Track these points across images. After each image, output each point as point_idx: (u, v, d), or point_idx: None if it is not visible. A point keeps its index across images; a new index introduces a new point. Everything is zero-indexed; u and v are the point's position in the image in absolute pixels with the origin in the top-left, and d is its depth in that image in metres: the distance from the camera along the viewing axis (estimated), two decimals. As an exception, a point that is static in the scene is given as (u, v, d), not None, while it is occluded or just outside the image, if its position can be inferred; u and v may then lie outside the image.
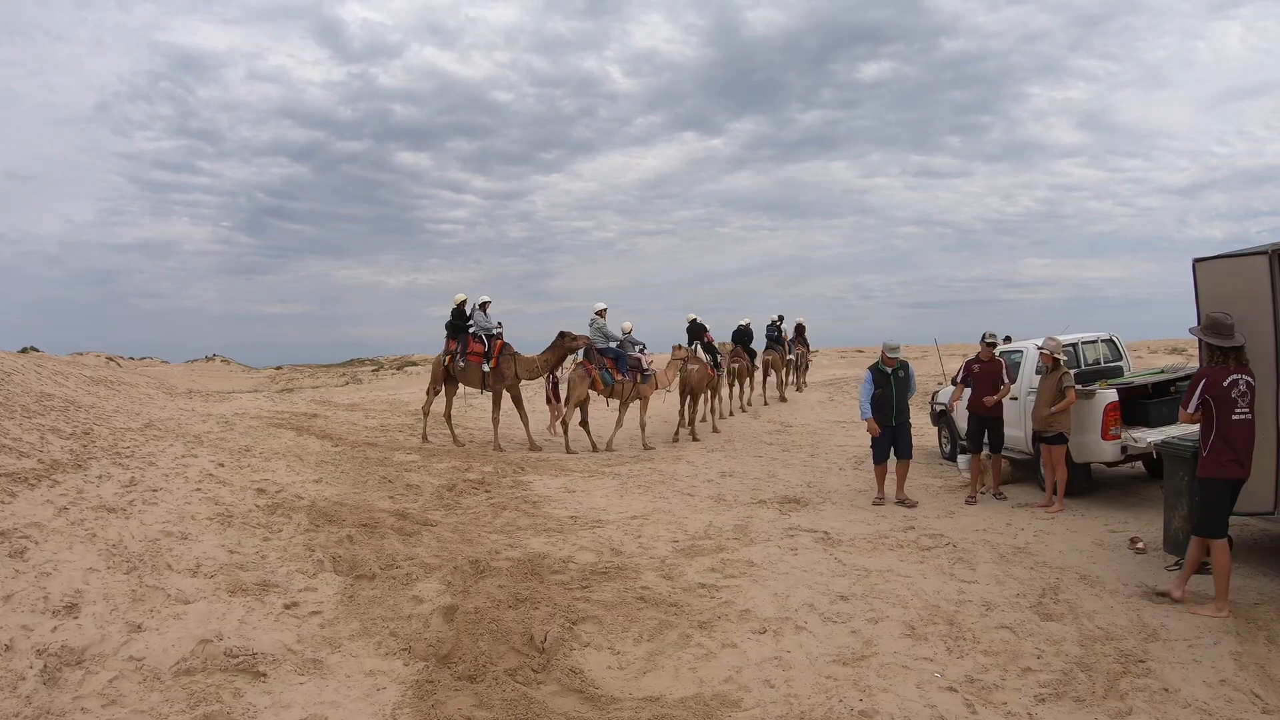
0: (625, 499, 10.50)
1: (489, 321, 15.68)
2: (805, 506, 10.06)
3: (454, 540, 7.89)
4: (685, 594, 6.76)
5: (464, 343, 15.46)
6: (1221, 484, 6.21)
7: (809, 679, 5.24)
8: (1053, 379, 9.84)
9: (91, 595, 5.54)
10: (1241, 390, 6.17)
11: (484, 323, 15.63)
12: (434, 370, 16.06)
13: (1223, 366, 6.25)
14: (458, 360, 15.41)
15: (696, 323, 19.51)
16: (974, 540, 8.30)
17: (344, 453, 11.85)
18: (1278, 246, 6.58)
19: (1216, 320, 6.32)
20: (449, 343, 15.58)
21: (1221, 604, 6.13)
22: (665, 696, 5.05)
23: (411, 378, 34.52)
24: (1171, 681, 5.06)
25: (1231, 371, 6.19)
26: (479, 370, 15.38)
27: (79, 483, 7.37)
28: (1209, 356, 6.44)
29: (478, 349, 15.40)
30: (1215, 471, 6.22)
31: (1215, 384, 6.18)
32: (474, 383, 15.64)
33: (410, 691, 5.00)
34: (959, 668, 5.34)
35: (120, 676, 4.80)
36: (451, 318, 15.72)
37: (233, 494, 8.28)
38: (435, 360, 16.07)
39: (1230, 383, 6.16)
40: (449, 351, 15.52)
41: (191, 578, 6.19)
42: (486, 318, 15.70)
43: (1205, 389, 6.19)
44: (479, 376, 15.44)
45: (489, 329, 15.61)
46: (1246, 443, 6.22)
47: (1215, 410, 6.18)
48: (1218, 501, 6.21)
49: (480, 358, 15.35)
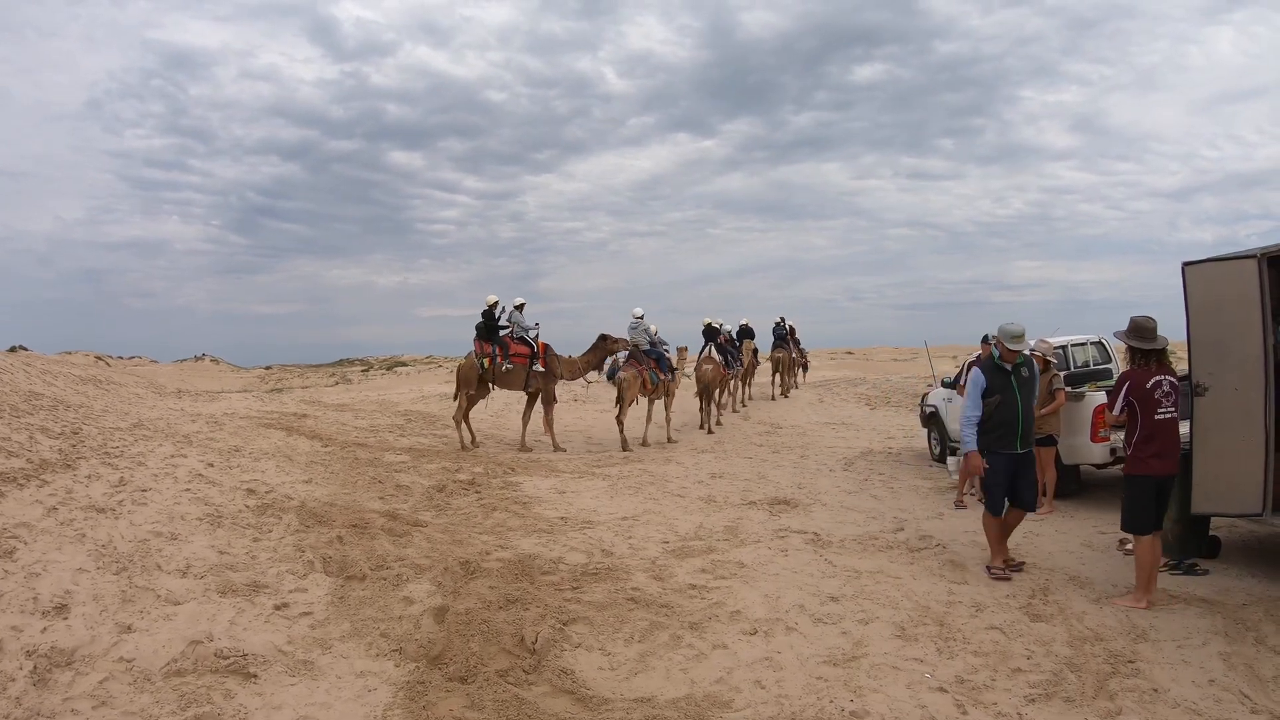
0: (615, 500, 10.49)
1: (527, 322, 15.72)
2: (795, 508, 10.07)
3: (444, 541, 7.88)
4: (676, 595, 6.76)
5: (503, 345, 15.33)
6: (1147, 480, 6.47)
7: (800, 680, 5.24)
8: (1042, 381, 9.71)
9: (81, 596, 5.53)
10: (1165, 390, 6.45)
11: (523, 323, 15.64)
12: (466, 374, 15.41)
13: (1145, 369, 6.53)
14: (500, 364, 15.23)
15: (711, 326, 20.70)
16: (964, 542, 8.33)
17: (334, 453, 11.83)
18: (1267, 251, 6.63)
19: (1139, 324, 6.59)
20: (483, 345, 15.31)
21: (1140, 595, 6.39)
22: (656, 697, 5.05)
23: (401, 378, 34.49)
24: (1161, 682, 5.08)
25: (1154, 373, 6.48)
26: (524, 372, 15.35)
27: (68, 483, 7.35)
28: (1132, 359, 6.71)
29: (523, 350, 15.41)
30: (1141, 469, 6.50)
31: (1138, 386, 6.46)
32: (516, 385, 15.58)
33: (401, 693, 4.99)
34: (949, 668, 5.35)
35: (110, 678, 4.78)
36: (483, 320, 15.50)
37: (222, 494, 8.26)
38: (466, 364, 15.48)
39: (1153, 384, 6.44)
40: (486, 355, 15.26)
41: (181, 578, 6.17)
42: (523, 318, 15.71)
43: (1129, 391, 6.50)
44: (523, 378, 15.41)
45: (528, 329, 15.67)
46: (1171, 441, 6.53)
47: (1140, 411, 6.46)
48: (1143, 498, 6.47)
49: (526, 359, 15.36)
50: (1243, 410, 6.69)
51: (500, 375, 15.31)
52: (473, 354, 15.34)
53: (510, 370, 15.28)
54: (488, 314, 15.52)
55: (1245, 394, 6.67)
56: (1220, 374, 6.85)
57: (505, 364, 15.21)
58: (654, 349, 16.93)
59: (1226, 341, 6.83)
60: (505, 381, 15.46)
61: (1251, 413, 6.59)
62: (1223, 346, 6.86)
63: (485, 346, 15.29)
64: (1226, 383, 6.81)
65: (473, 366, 15.31)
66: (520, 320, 15.64)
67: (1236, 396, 6.73)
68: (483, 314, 15.53)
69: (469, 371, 15.38)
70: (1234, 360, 6.77)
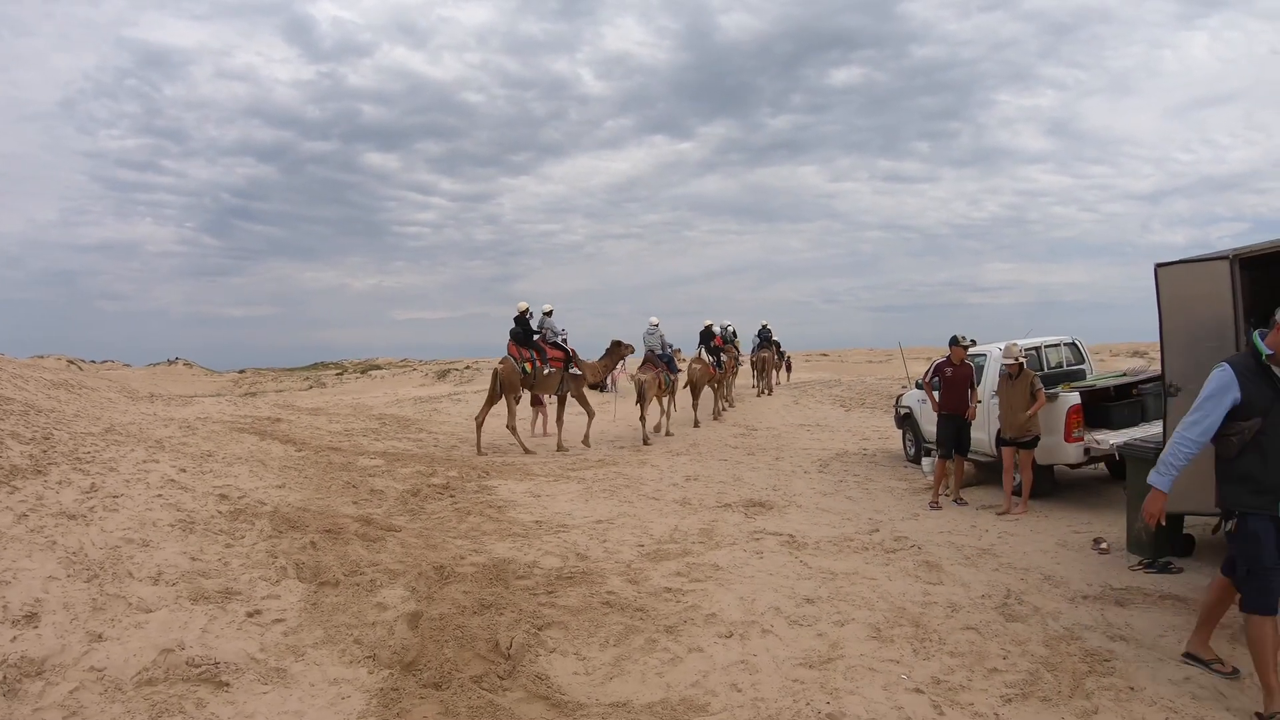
0: (590, 503, 10.47)
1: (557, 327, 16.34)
2: (770, 510, 10.08)
3: (418, 546, 7.83)
4: (651, 598, 6.75)
5: (539, 350, 15.81)
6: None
7: (776, 682, 5.24)
8: (1022, 384, 9.90)
9: (51, 604, 5.45)
10: None
11: (554, 328, 16.23)
12: (509, 379, 15.61)
13: None
14: (540, 368, 15.70)
15: (710, 328, 22.42)
16: (939, 542, 8.36)
17: (307, 458, 11.74)
18: (1239, 252, 6.68)
19: None
20: (520, 350, 15.65)
21: None
22: (632, 702, 5.04)
23: (376, 382, 34.40)
24: (1137, 680, 5.11)
25: None
26: (560, 375, 16.05)
27: (39, 489, 7.25)
28: None
29: (558, 355, 16.07)
30: None
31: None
32: (551, 388, 16.29)
33: (375, 700, 4.95)
34: (925, 669, 5.36)
35: (81, 687, 4.72)
36: (517, 326, 15.82)
37: (195, 500, 8.18)
38: (507, 369, 15.65)
39: None
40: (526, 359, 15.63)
41: (153, 586, 6.10)
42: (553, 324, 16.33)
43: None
44: (558, 381, 16.08)
45: (559, 335, 16.30)
46: None
47: None
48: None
49: (562, 363, 16.07)
50: (1215, 410, 6.73)
51: (540, 379, 15.89)
52: (510, 359, 15.63)
53: (549, 374, 15.88)
54: (521, 320, 15.89)
55: (1218, 394, 6.71)
56: (1193, 374, 6.90)
57: (545, 368, 15.78)
58: (665, 353, 18.75)
59: (1199, 342, 6.88)
60: (542, 385, 16.11)
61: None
62: (1196, 347, 6.91)
63: (524, 351, 15.67)
64: (1200, 383, 6.86)
65: (515, 371, 15.60)
66: (551, 325, 16.18)
67: None
68: (515, 320, 15.89)
69: (512, 375, 15.63)
70: (1207, 360, 6.81)
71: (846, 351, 65.64)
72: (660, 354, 18.63)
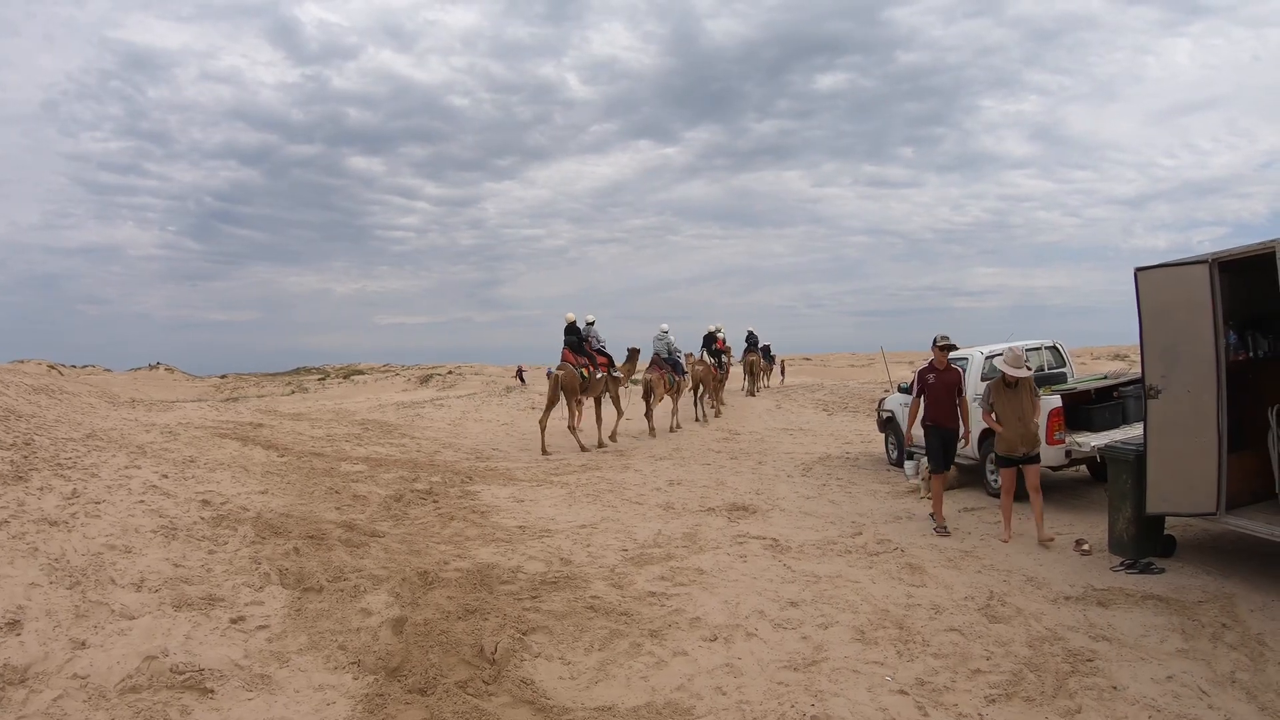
0: (574, 508, 10.46)
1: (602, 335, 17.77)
2: (754, 514, 10.09)
3: (402, 551, 7.82)
4: (635, 603, 6.76)
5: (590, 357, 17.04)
6: None
7: (760, 685, 5.25)
8: (1025, 389, 8.81)
9: (34, 611, 5.42)
10: None
11: (599, 337, 17.73)
12: (570, 384, 16.64)
13: None
14: (593, 372, 16.93)
15: (712, 333, 24.30)
16: (922, 545, 8.40)
17: (290, 463, 11.68)
18: (1218, 256, 6.75)
19: None
20: (574, 357, 16.72)
21: None
22: (617, 706, 5.05)
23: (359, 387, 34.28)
24: (1120, 679, 5.16)
25: None
26: (605, 379, 17.59)
27: (20, 495, 7.20)
28: None
29: (603, 361, 17.65)
30: None
31: None
32: (597, 391, 17.50)
33: (360, 705, 4.94)
34: (909, 671, 5.39)
35: (65, 695, 4.69)
36: (570, 335, 17.03)
37: (177, 506, 8.13)
38: (568, 375, 16.62)
39: None
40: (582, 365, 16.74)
41: (136, 592, 6.07)
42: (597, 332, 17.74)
43: None
44: (603, 384, 17.58)
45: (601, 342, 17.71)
46: None
47: None
48: None
49: (606, 368, 17.70)
50: (1195, 412, 6.81)
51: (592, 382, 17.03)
52: (568, 365, 16.70)
53: (599, 378, 17.32)
54: (572, 329, 17.18)
55: (1198, 396, 6.79)
56: (1173, 377, 6.96)
57: (597, 373, 17.20)
58: (671, 356, 20.01)
59: (1179, 345, 6.95)
60: (594, 388, 17.22)
61: (1204, 415, 6.70)
62: (1175, 350, 6.97)
63: (578, 358, 16.77)
64: (1179, 385, 6.93)
65: (574, 376, 16.66)
66: (595, 334, 17.62)
67: (1189, 399, 6.84)
68: (566, 330, 17.14)
69: (572, 381, 16.68)
70: (1186, 363, 6.89)
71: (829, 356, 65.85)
72: (666, 357, 19.95)
